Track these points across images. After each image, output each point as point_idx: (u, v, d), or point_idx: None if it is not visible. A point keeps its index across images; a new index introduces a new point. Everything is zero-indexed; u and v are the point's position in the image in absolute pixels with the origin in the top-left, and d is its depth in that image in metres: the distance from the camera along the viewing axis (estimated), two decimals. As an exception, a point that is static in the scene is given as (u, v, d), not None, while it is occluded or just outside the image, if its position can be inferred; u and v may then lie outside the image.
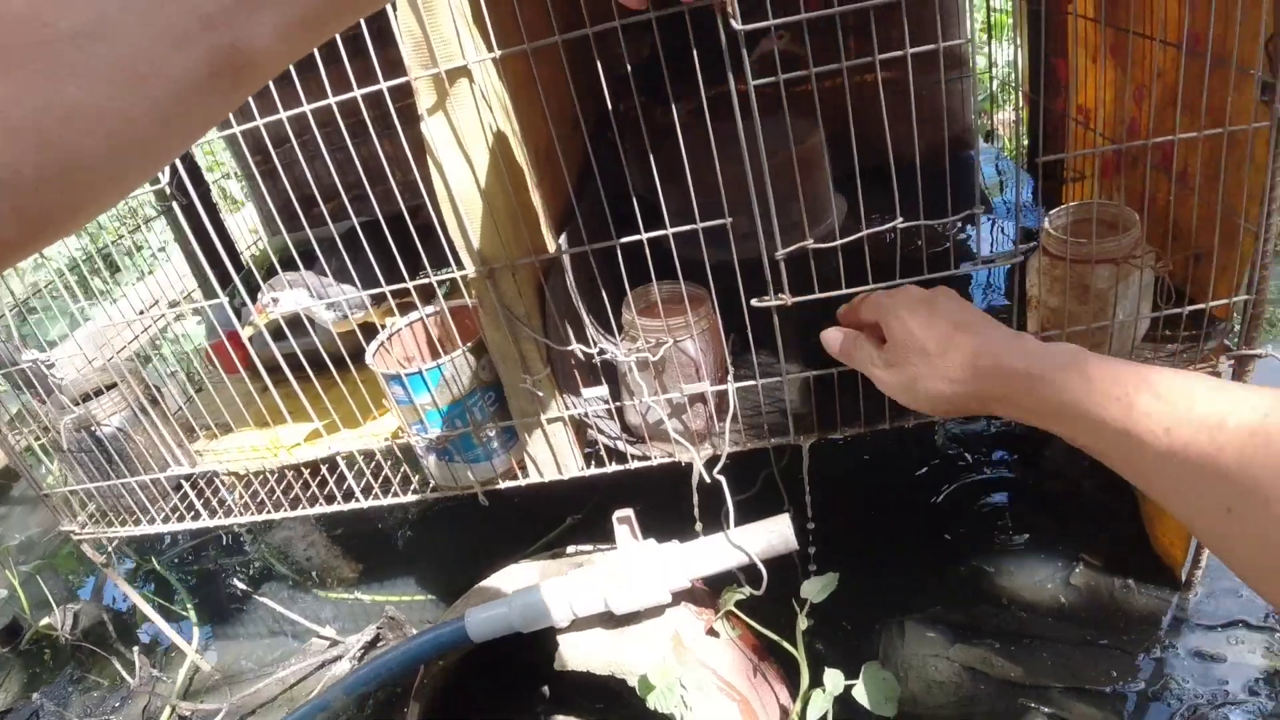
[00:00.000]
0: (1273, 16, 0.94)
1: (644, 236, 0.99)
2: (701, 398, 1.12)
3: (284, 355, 1.20)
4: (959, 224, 1.67)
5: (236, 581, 1.94)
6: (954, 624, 1.41)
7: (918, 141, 0.95)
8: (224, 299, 1.17)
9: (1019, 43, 1.76)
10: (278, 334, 1.24)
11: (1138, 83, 1.39)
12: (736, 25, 0.89)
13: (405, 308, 1.35)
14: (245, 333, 1.16)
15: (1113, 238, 1.13)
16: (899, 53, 0.93)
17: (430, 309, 1.26)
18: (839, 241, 0.98)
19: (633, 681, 1.10)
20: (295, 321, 1.30)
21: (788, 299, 1.03)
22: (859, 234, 0.99)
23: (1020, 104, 1.87)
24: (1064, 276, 1.14)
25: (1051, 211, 1.20)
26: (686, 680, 1.07)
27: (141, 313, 1.64)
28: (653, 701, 1.03)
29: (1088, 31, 1.58)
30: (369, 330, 1.32)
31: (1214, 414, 0.48)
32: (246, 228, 2.70)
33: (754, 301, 1.02)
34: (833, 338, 0.81)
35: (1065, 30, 1.64)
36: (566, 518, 1.75)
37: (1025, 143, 1.88)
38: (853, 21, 1.49)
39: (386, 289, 1.07)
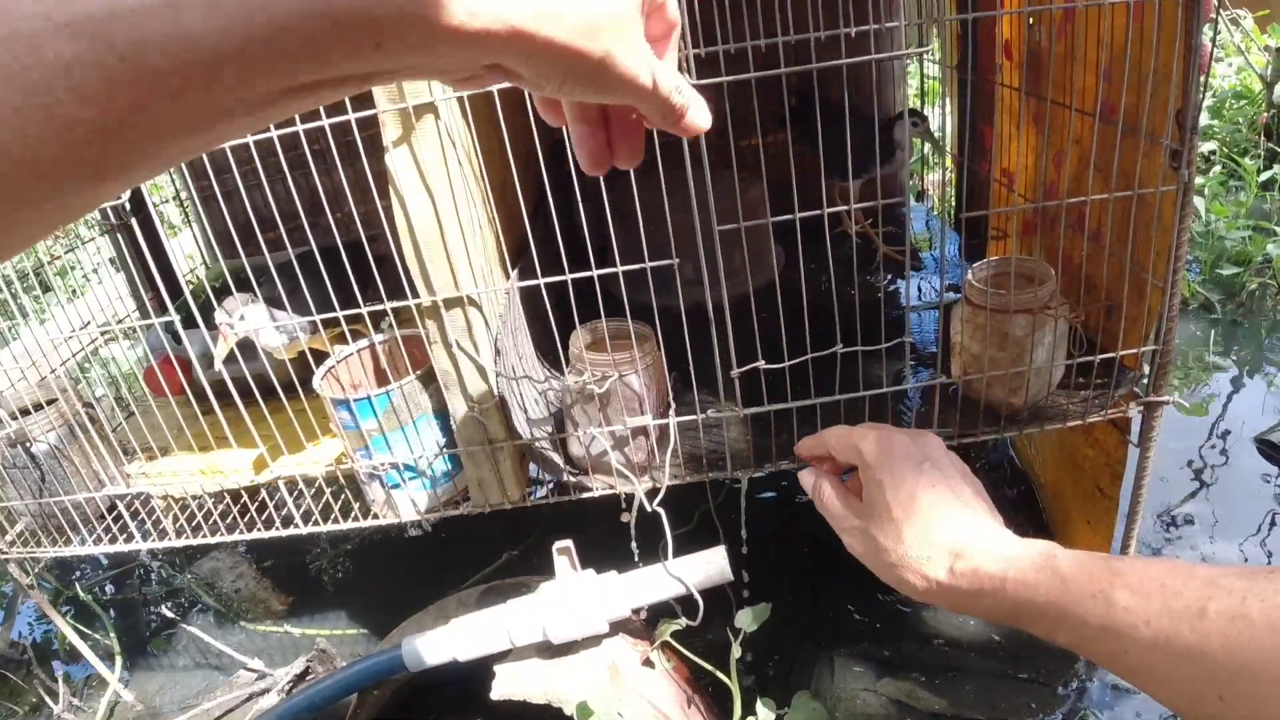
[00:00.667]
0: (1181, 90, 1.04)
1: (595, 273, 1.03)
2: (644, 431, 1.16)
3: (228, 380, 1.20)
4: (889, 278, 1.75)
5: (162, 611, 1.90)
6: (881, 659, 1.46)
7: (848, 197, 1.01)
8: (175, 318, 1.17)
9: (948, 109, 1.87)
10: (211, 360, 1.25)
11: (1056, 148, 1.49)
12: (689, 80, 0.95)
13: (352, 337, 1.37)
14: (219, 352, 1.17)
15: (1030, 290, 1.21)
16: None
17: (380, 336, 1.28)
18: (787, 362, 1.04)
19: (569, 710, 1.11)
20: (242, 345, 1.31)
21: (740, 411, 1.11)
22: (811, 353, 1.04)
23: (948, 166, 1.97)
24: (985, 324, 1.22)
25: (974, 265, 1.28)
26: (624, 710, 1.09)
27: (85, 326, 1.62)
28: (589, 729, 1.04)
29: (1011, 100, 1.69)
30: (319, 357, 1.33)
31: (1192, 603, 0.48)
32: (183, 253, 2.68)
33: (710, 412, 1.08)
34: (806, 480, 0.78)
35: (991, 99, 1.75)
36: (503, 553, 1.76)
37: (952, 202, 1.99)
38: (796, 82, 1.57)
39: (340, 314, 1.09)
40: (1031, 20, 1.59)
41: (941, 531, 0.64)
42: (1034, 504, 1.74)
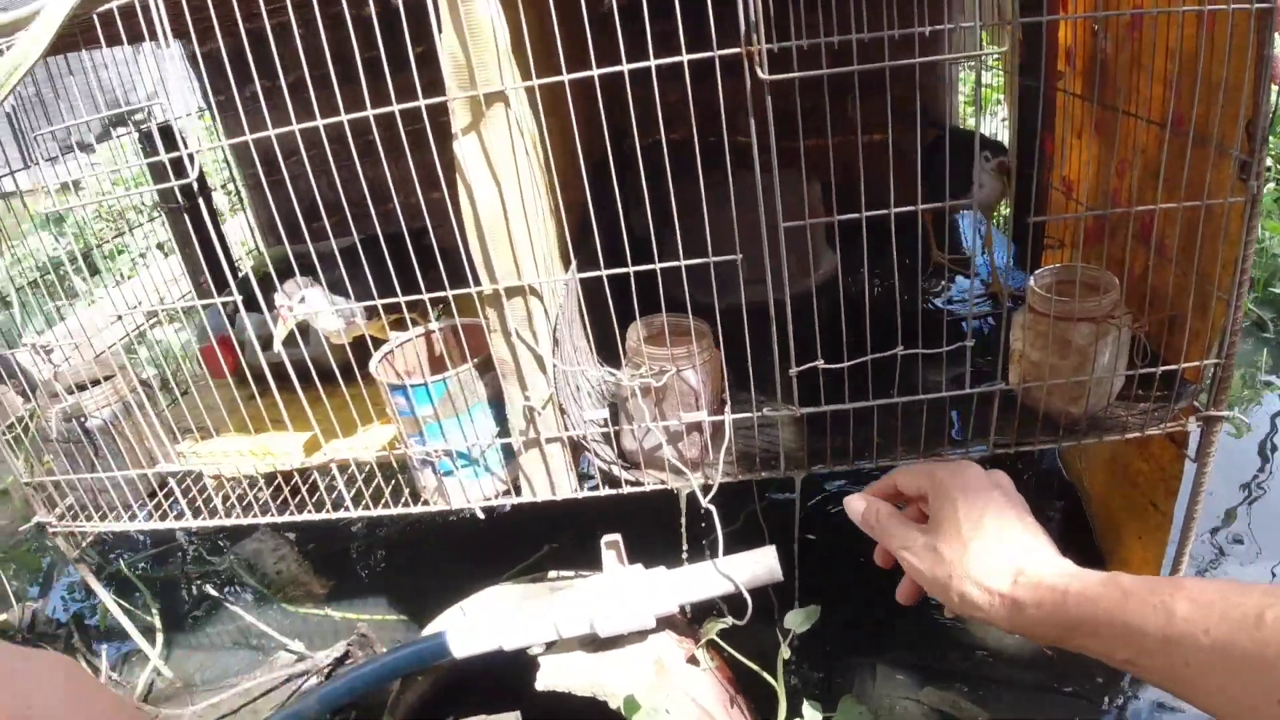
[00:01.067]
0: (1252, 101, 1.02)
1: (658, 266, 1.03)
2: (698, 427, 1.15)
3: (278, 363, 1.21)
4: (943, 283, 1.73)
5: (202, 589, 1.92)
6: (924, 667, 1.44)
7: (914, 201, 1.00)
8: (238, 298, 1.18)
9: (1009, 116, 1.84)
10: (268, 343, 1.26)
11: (1121, 157, 1.47)
12: (763, 75, 0.94)
13: (397, 325, 1.37)
14: (279, 333, 1.18)
15: (1093, 298, 1.19)
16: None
17: (434, 324, 1.28)
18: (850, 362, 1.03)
19: (615, 703, 1.11)
20: (297, 329, 1.31)
21: (796, 410, 1.11)
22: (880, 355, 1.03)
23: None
24: (1047, 332, 1.20)
25: (1036, 272, 1.27)
26: (670, 706, 1.08)
27: (135, 307, 1.64)
28: (636, 723, 1.04)
29: (1074, 108, 1.67)
30: (359, 347, 1.33)
31: (1251, 611, 0.49)
32: (234, 239, 2.70)
33: (766, 411, 1.07)
34: (856, 506, 0.77)
35: (1053, 106, 1.73)
36: (544, 545, 1.76)
37: (1004, 210, 1.96)
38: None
39: (401, 299, 1.10)
40: (1096, 27, 1.56)
41: (1008, 547, 0.65)
42: (1081, 517, 1.72)
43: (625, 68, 0.95)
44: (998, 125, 2.12)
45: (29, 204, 1.45)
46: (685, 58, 0.93)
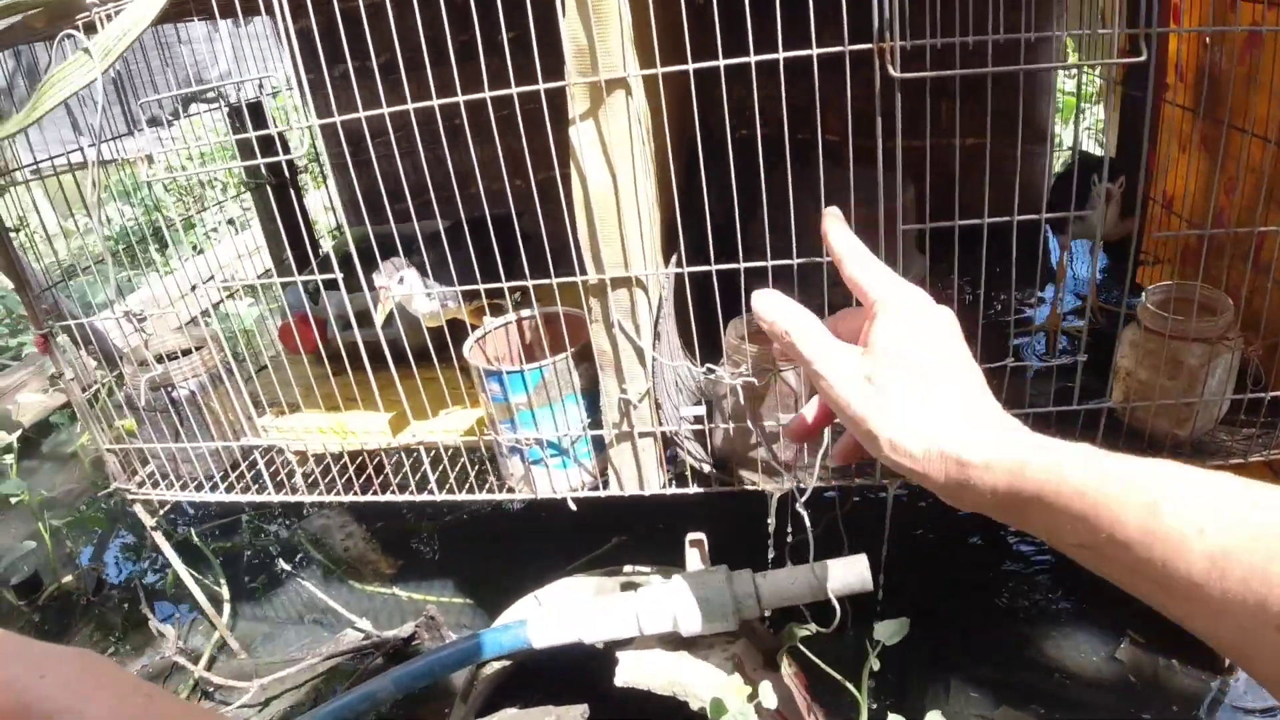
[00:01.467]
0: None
1: (770, 264, 1.01)
2: (795, 430, 1.13)
3: (384, 341, 1.21)
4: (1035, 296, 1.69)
5: (268, 563, 1.94)
6: (999, 686, 1.41)
7: (1006, 209, 0.98)
8: (337, 275, 1.18)
9: (1109, 126, 1.80)
10: (347, 322, 1.25)
11: (1229, 174, 1.42)
12: (894, 73, 0.91)
13: (482, 312, 1.37)
14: (380, 313, 1.17)
15: (1207, 318, 1.16)
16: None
17: (527, 312, 1.28)
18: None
19: (695, 705, 1.10)
20: (366, 313, 1.31)
21: None
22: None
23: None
24: (1158, 350, 1.16)
25: (1149, 289, 1.23)
26: (751, 711, 1.06)
27: (210, 280, 1.65)
28: (722, 726, 1.02)
29: (1179, 121, 1.62)
30: (438, 332, 1.33)
31: (1258, 516, 0.39)
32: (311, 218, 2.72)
33: None
34: (771, 302, 0.57)
35: (1158, 118, 1.68)
36: (612, 537, 1.75)
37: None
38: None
39: (505, 285, 1.09)
40: (1209, 40, 1.52)
41: (960, 394, 0.50)
42: (1163, 542, 1.67)
43: (752, 59, 0.93)
44: (1081, 135, 2.07)
45: (128, 171, 1.47)
46: (815, 51, 0.91)
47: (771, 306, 0.56)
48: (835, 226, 0.58)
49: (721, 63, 0.93)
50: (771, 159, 1.04)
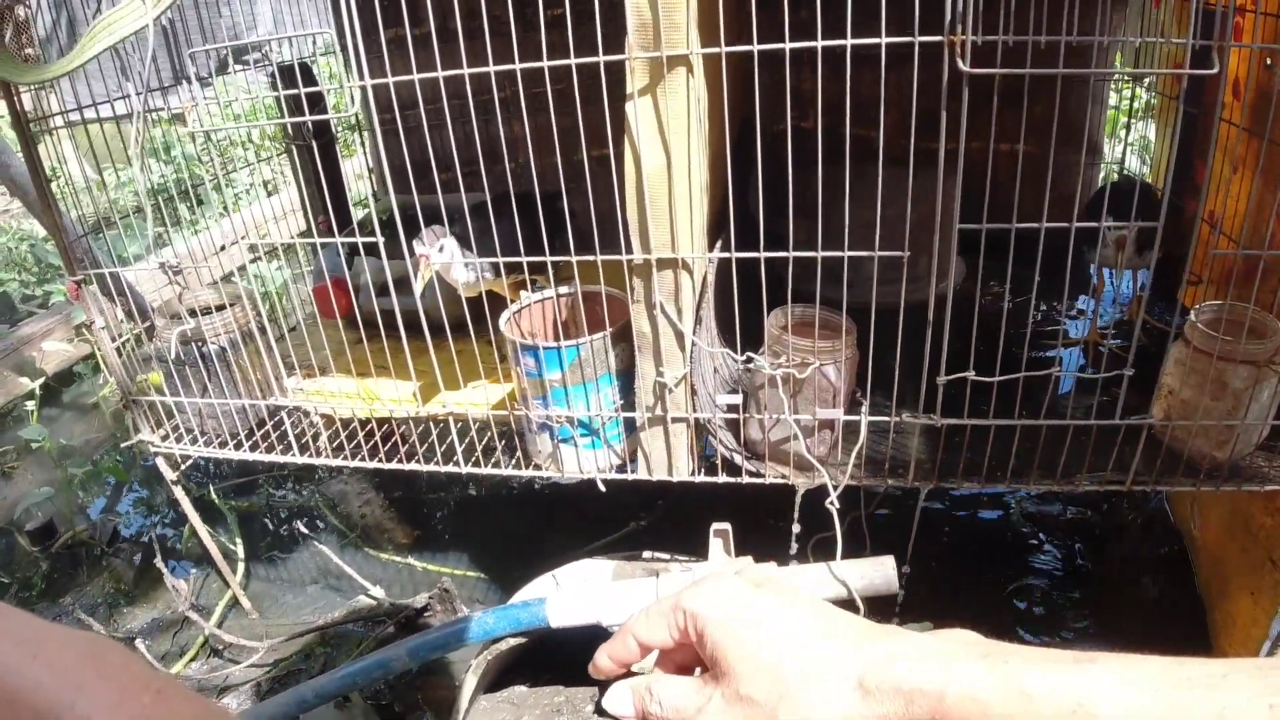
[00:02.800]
0: None
1: (820, 254, 0.99)
2: (830, 425, 1.12)
3: (391, 310, 1.20)
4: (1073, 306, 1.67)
5: (286, 526, 1.94)
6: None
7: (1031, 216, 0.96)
8: (380, 239, 1.17)
9: (1160, 140, 1.77)
10: (382, 290, 1.24)
11: (1282, 197, 1.40)
12: (964, 67, 0.89)
13: (520, 286, 1.36)
14: (420, 280, 1.16)
15: (1256, 341, 1.13)
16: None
17: (565, 289, 1.26)
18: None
19: (711, 694, 1.09)
20: (402, 280, 1.30)
21: (938, 420, 1.08)
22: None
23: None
24: (1204, 370, 1.14)
25: (1198, 307, 1.21)
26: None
27: (237, 240, 1.65)
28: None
29: (1233, 140, 1.59)
30: (474, 304, 1.32)
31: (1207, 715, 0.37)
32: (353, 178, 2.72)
33: (906, 416, 1.03)
34: (623, 699, 0.55)
35: (1208, 134, 1.65)
36: (630, 522, 1.74)
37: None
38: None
39: (549, 259, 1.08)
40: (1270, 61, 1.49)
41: (835, 654, 0.46)
42: (1185, 565, 1.65)
43: (819, 43, 0.91)
44: (1122, 149, 2.04)
45: (165, 129, 1.46)
46: (884, 40, 0.89)
47: (623, 704, 0.55)
48: (621, 698, 0.56)
49: (787, 46, 0.91)
50: (822, 153, 1.03)
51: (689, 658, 0.53)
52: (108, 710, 0.32)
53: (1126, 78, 1.92)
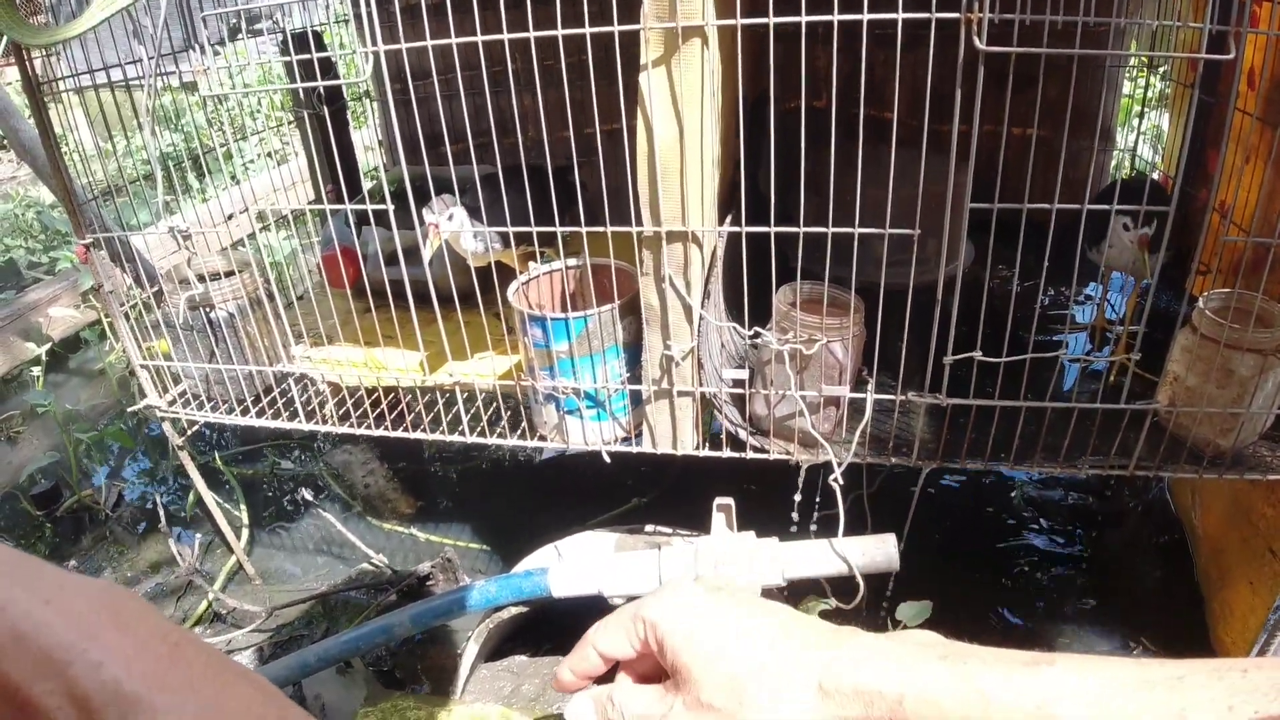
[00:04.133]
0: None
1: (830, 230, 0.99)
2: (836, 402, 1.12)
3: (400, 280, 1.20)
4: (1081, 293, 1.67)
5: (289, 494, 1.95)
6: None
7: (1053, 200, 0.96)
8: (390, 207, 1.17)
9: (1175, 126, 1.76)
10: (391, 259, 1.25)
11: (1297, 187, 1.39)
12: (980, 45, 0.89)
13: (527, 258, 1.36)
14: (429, 249, 1.16)
15: (1264, 329, 1.14)
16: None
17: (573, 261, 1.26)
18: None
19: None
20: (412, 250, 1.30)
21: (944, 399, 1.08)
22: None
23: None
24: (1211, 357, 1.14)
25: (1206, 294, 1.21)
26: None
27: (243, 209, 1.64)
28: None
29: (1244, 128, 1.58)
30: (483, 275, 1.32)
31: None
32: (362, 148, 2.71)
33: (911, 395, 1.04)
34: (583, 708, 0.54)
35: (1222, 122, 1.64)
36: (633, 498, 1.75)
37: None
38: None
39: (559, 229, 1.08)
40: (1286, 49, 1.48)
41: (795, 656, 0.46)
42: (1184, 554, 1.65)
43: (836, 18, 0.91)
44: (1135, 138, 2.03)
45: (172, 97, 1.45)
46: (900, 16, 0.89)
47: (584, 714, 0.53)
48: (582, 710, 0.54)
49: (804, 19, 0.91)
50: (827, 132, 1.02)
51: (651, 668, 0.52)
52: (122, 660, 0.31)
53: (1141, 64, 1.91)
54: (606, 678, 0.55)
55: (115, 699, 0.30)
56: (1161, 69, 1.98)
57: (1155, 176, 1.84)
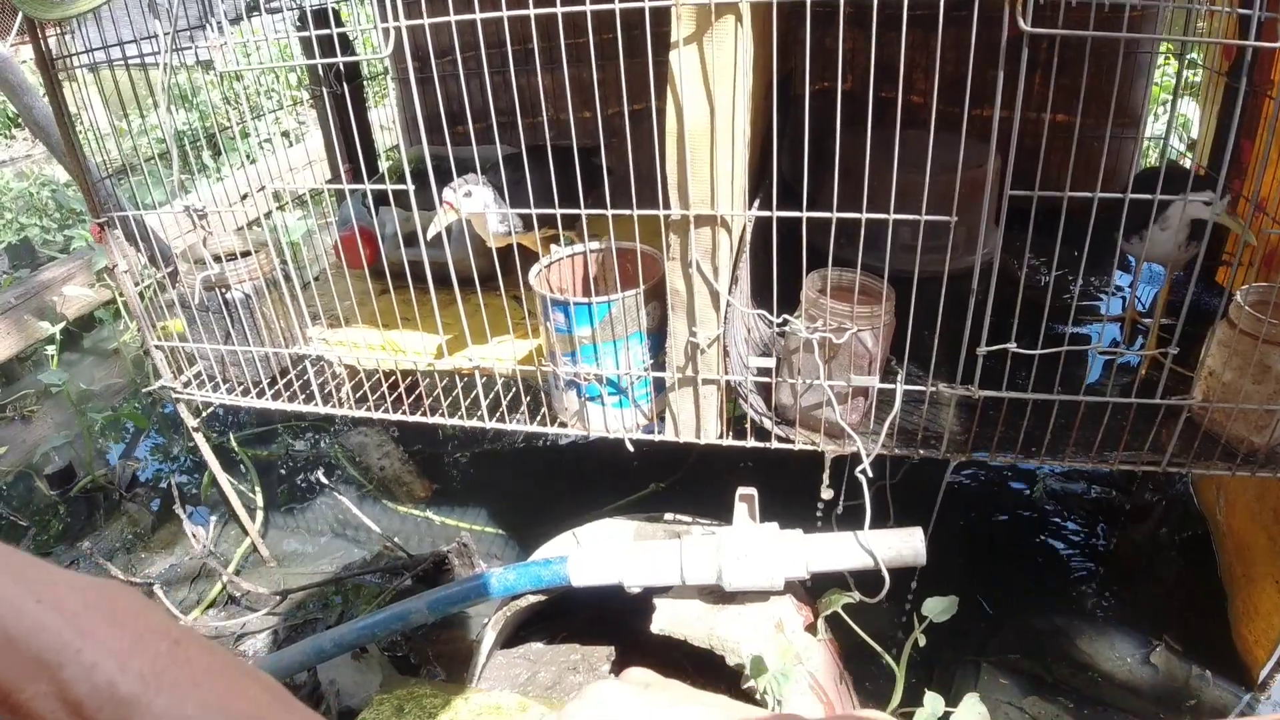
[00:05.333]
0: None
1: (864, 216, 0.97)
2: (864, 392, 1.10)
3: (419, 261, 1.18)
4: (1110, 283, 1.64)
5: (304, 476, 1.94)
6: (1031, 675, 1.39)
7: (1068, 188, 0.93)
8: (410, 187, 1.15)
9: (1205, 114, 1.72)
10: (411, 239, 1.22)
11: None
12: (1024, 26, 0.86)
13: (549, 242, 1.33)
14: (437, 222, 1.14)
15: (1298, 325, 1.11)
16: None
17: (595, 245, 1.24)
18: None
19: (732, 660, 1.08)
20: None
21: (975, 392, 1.06)
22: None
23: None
24: (1247, 353, 1.12)
25: (1244, 289, 1.18)
26: (793, 673, 1.05)
27: (261, 189, 1.62)
28: (761, 683, 1.01)
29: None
30: (504, 257, 1.30)
31: None
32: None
33: (943, 387, 1.00)
34: None
35: (1258, 113, 1.61)
36: (650, 484, 1.73)
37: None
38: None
39: (584, 212, 1.06)
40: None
41: None
42: (1207, 550, 1.63)
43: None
44: (1166, 126, 1.99)
45: (187, 76, 1.43)
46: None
47: None
48: None
49: (842, -3, 0.88)
50: (861, 115, 1.00)
51: None
52: (117, 658, 0.29)
53: (1170, 51, 1.87)
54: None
55: (110, 702, 0.28)
56: (1189, 56, 1.94)
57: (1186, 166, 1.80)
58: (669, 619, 1.15)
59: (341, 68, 1.66)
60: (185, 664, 0.30)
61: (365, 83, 1.98)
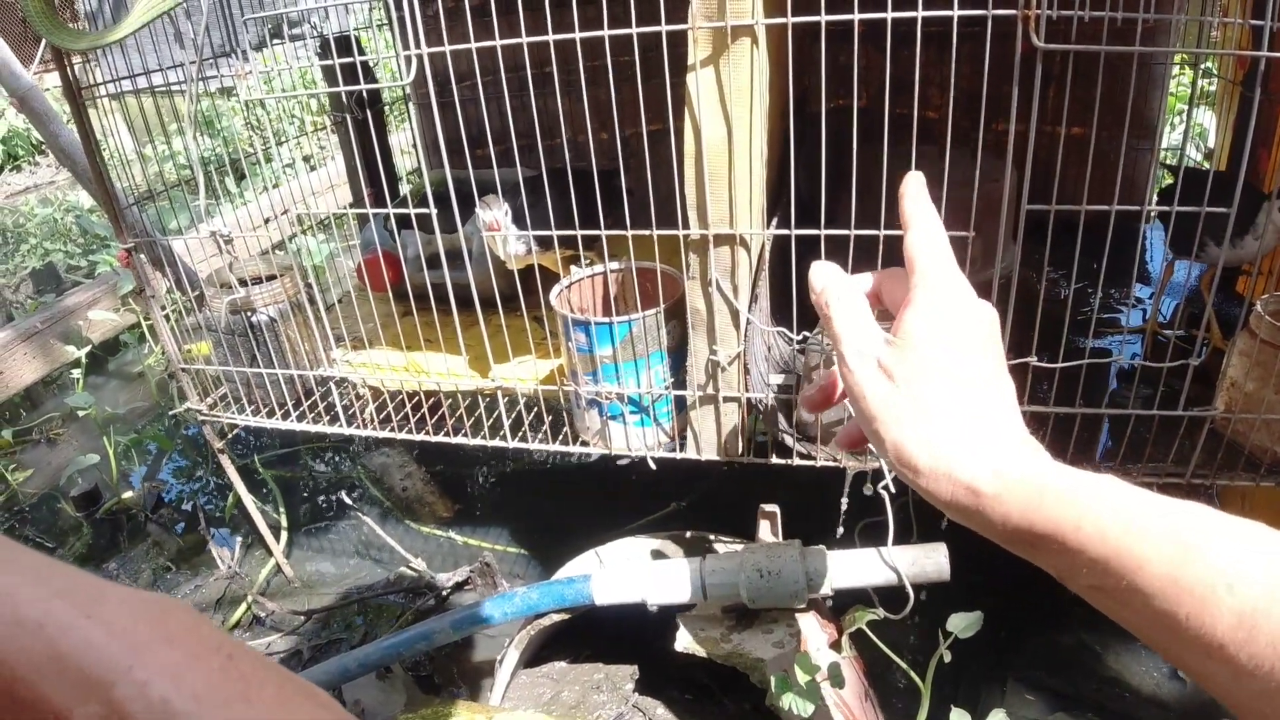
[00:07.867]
0: None
1: (882, 233, 0.97)
2: (884, 408, 1.10)
3: (442, 283, 1.19)
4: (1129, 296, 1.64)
5: (327, 497, 1.95)
6: (1056, 691, 1.38)
7: (1089, 203, 0.93)
8: (433, 211, 1.17)
9: (1219, 122, 1.72)
10: (431, 262, 1.24)
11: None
12: (1038, 43, 0.87)
13: (569, 262, 1.35)
14: (499, 245, 1.15)
15: (1324, 335, 1.10)
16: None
17: (615, 265, 1.25)
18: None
19: (757, 678, 1.08)
20: (452, 253, 1.30)
21: None
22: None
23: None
24: (1270, 363, 1.11)
25: (1265, 298, 1.17)
26: (818, 691, 1.04)
27: (284, 214, 1.65)
28: (785, 702, 1.01)
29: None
30: (526, 278, 1.31)
31: None
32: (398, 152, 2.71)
33: None
34: (825, 273, 0.51)
35: (1276, 121, 1.60)
36: (671, 502, 1.74)
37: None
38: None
39: (603, 233, 1.07)
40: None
41: (988, 400, 0.45)
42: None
43: (889, 15, 0.89)
44: (1183, 137, 1.99)
45: (210, 102, 1.45)
46: (957, 13, 0.87)
47: (820, 275, 0.51)
48: (915, 190, 0.52)
49: (856, 17, 0.89)
50: (877, 131, 1.01)
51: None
52: (170, 675, 0.28)
53: (1188, 61, 1.87)
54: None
55: None
56: (1203, 66, 1.94)
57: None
58: (691, 638, 1.15)
59: (364, 94, 1.69)
60: (239, 680, 0.29)
61: (386, 107, 2.01)
